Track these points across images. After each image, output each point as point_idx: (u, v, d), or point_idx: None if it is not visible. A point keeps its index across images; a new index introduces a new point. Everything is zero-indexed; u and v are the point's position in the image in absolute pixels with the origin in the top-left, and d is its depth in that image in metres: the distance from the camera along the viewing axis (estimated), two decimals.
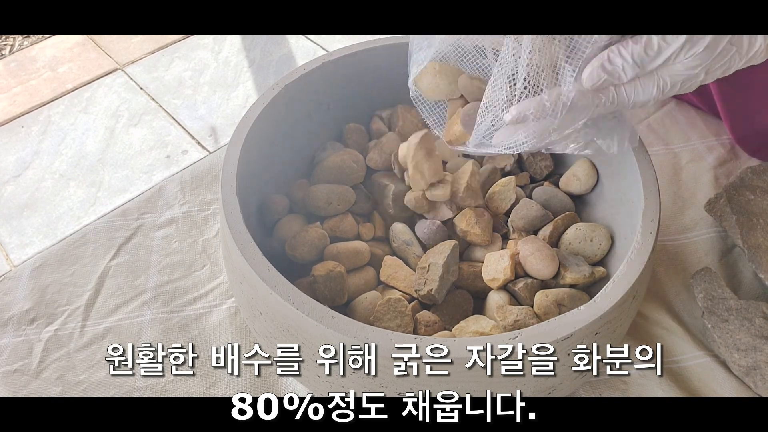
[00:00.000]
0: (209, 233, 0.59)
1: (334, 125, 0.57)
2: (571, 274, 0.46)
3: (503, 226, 0.51)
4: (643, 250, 0.41)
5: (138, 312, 0.53)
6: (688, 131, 0.68)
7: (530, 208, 0.50)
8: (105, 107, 1.31)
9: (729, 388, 0.48)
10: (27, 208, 1.14)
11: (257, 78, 1.36)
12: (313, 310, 0.37)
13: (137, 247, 0.58)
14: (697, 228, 0.59)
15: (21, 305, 0.54)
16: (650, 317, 0.52)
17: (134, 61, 1.41)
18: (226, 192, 0.43)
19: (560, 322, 0.37)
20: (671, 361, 0.50)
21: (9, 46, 1.45)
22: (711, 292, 0.50)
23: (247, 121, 0.48)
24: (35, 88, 1.36)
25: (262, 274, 0.39)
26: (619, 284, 0.39)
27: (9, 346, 0.51)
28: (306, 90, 0.53)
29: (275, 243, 0.49)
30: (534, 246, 0.47)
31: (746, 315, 0.48)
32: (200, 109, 1.29)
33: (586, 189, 0.53)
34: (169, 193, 0.62)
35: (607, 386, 0.49)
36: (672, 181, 0.63)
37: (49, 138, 1.25)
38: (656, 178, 0.45)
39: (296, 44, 1.43)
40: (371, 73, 0.56)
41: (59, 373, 0.50)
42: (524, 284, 0.46)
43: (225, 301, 0.54)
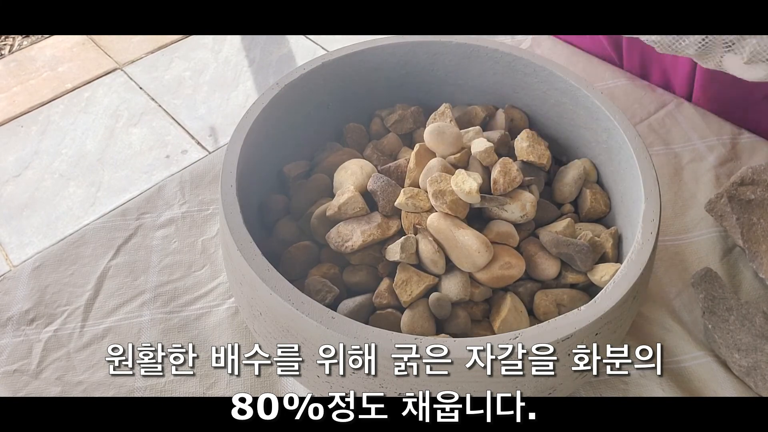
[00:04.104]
0: (209, 233, 0.59)
1: (334, 125, 0.57)
2: (571, 274, 0.46)
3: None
4: (643, 250, 0.41)
5: (138, 312, 0.53)
6: (689, 131, 0.68)
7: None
8: (105, 107, 1.31)
9: (729, 388, 0.48)
10: (27, 208, 1.14)
11: (257, 78, 1.36)
12: (313, 310, 0.37)
13: (137, 247, 0.58)
14: (698, 228, 0.59)
15: (21, 305, 0.54)
16: (650, 317, 0.52)
17: (134, 61, 1.41)
18: (226, 192, 0.43)
19: (560, 322, 0.37)
20: (671, 361, 0.50)
21: (9, 46, 1.45)
22: (711, 292, 0.50)
23: (246, 120, 0.48)
24: (35, 88, 1.36)
25: (262, 274, 0.39)
26: (620, 284, 0.39)
27: (9, 346, 0.51)
28: (306, 90, 0.53)
29: (275, 243, 0.49)
30: (537, 246, 0.47)
31: (747, 315, 0.48)
32: (200, 108, 1.29)
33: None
34: (169, 193, 0.62)
35: (607, 386, 0.49)
36: (673, 181, 0.63)
37: (48, 138, 1.26)
38: (657, 178, 0.45)
39: (296, 44, 1.43)
40: (371, 73, 0.56)
41: (59, 374, 0.50)
42: (524, 288, 0.46)
43: (225, 301, 0.54)
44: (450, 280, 0.45)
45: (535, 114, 0.57)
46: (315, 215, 0.49)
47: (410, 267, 0.45)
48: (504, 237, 0.46)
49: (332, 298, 0.44)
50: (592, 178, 0.53)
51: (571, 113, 0.53)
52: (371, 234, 0.46)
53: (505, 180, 0.46)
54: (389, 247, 0.45)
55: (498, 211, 0.46)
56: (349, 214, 0.47)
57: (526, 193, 0.47)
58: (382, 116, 0.57)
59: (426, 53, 0.56)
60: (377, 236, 0.46)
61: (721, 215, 0.56)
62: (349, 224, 0.47)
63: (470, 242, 0.43)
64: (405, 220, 0.46)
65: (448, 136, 0.48)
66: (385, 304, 0.44)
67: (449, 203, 0.45)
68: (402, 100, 0.57)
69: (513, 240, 0.46)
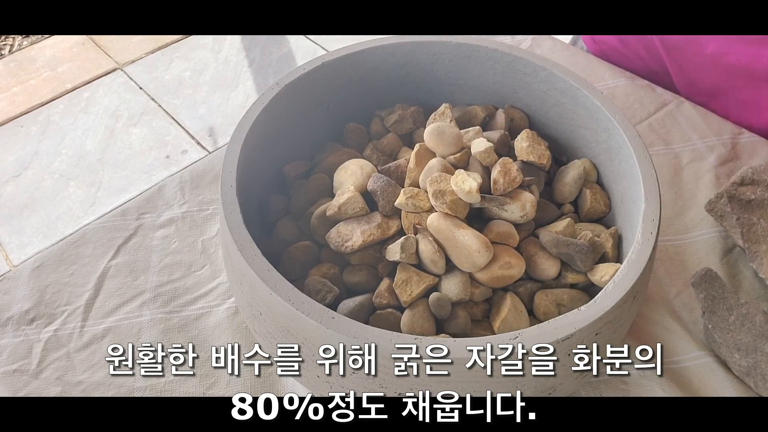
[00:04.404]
0: (209, 233, 0.59)
1: (334, 125, 0.57)
2: (571, 274, 0.46)
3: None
4: (643, 250, 0.41)
5: (138, 312, 0.53)
6: (689, 131, 0.68)
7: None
8: (104, 107, 1.31)
9: (729, 388, 0.48)
10: (27, 208, 1.14)
11: (257, 78, 1.36)
12: (313, 310, 0.37)
13: (137, 247, 0.58)
14: (698, 228, 0.59)
15: (20, 305, 0.54)
16: (650, 317, 0.52)
17: (134, 61, 1.41)
18: (226, 192, 0.43)
19: (560, 322, 0.37)
20: (671, 361, 0.50)
21: (9, 46, 1.45)
22: (711, 292, 0.50)
23: (246, 120, 0.48)
24: (35, 88, 1.36)
25: (262, 274, 0.39)
26: (620, 284, 0.39)
27: (8, 346, 0.51)
28: (306, 90, 0.53)
29: (275, 243, 0.49)
30: (537, 246, 0.47)
31: (747, 315, 0.48)
32: (200, 108, 1.29)
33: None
34: (169, 193, 0.62)
35: (607, 386, 0.49)
36: (673, 181, 0.63)
37: (48, 138, 1.25)
38: (657, 178, 0.45)
39: (296, 44, 1.43)
40: (371, 73, 0.56)
41: (59, 373, 0.50)
42: (524, 288, 0.46)
43: (225, 301, 0.54)
44: (450, 280, 0.45)
45: (535, 114, 0.57)
46: (315, 215, 0.49)
47: (410, 267, 0.45)
48: (504, 237, 0.46)
49: (332, 298, 0.44)
50: (592, 178, 0.53)
51: (571, 113, 0.53)
52: (371, 234, 0.46)
53: (505, 180, 0.46)
54: (389, 247, 0.45)
55: (498, 211, 0.46)
56: (349, 214, 0.47)
57: (526, 193, 0.47)
58: (382, 116, 0.57)
59: (426, 53, 0.56)
60: (377, 236, 0.46)
61: (721, 215, 0.56)
62: (349, 224, 0.47)
63: (470, 242, 0.43)
64: (405, 220, 0.46)
65: (448, 136, 0.48)
66: (385, 304, 0.44)
67: (449, 203, 0.45)
68: (402, 100, 0.57)
69: (513, 240, 0.46)
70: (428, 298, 0.44)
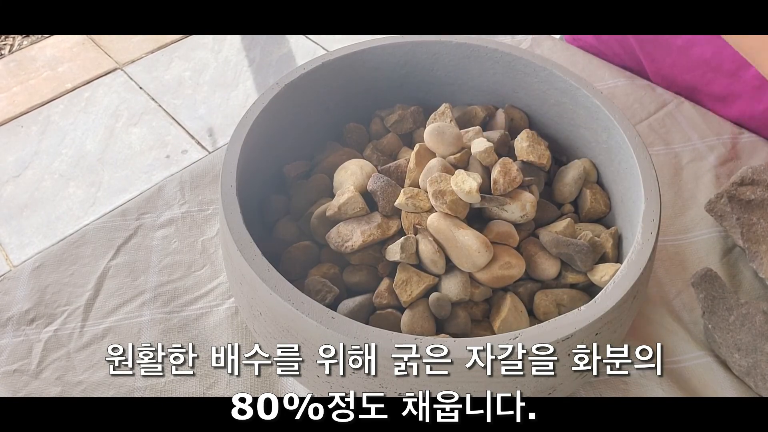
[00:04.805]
0: (209, 233, 0.59)
1: (334, 125, 0.57)
2: (571, 274, 0.46)
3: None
4: (643, 250, 0.41)
5: (138, 312, 0.53)
6: (689, 131, 0.68)
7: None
8: (104, 107, 1.31)
9: (729, 388, 0.48)
10: (27, 208, 1.14)
11: (257, 78, 1.36)
12: (313, 310, 0.37)
13: (137, 247, 0.58)
14: (698, 228, 0.59)
15: (20, 305, 0.54)
16: (650, 317, 0.52)
17: (134, 61, 1.41)
18: (226, 192, 0.43)
19: (560, 322, 0.37)
20: (671, 361, 0.50)
21: (9, 46, 1.45)
22: (711, 292, 0.50)
23: (246, 120, 0.48)
24: (35, 88, 1.36)
25: (262, 274, 0.39)
26: (620, 284, 0.39)
27: (8, 346, 0.51)
28: (306, 90, 0.53)
29: (275, 243, 0.49)
30: (537, 246, 0.47)
31: (747, 315, 0.48)
32: (200, 108, 1.29)
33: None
34: (169, 193, 0.62)
35: (607, 386, 0.49)
36: (673, 181, 0.63)
37: (48, 138, 1.26)
38: (657, 178, 0.45)
39: (296, 44, 1.43)
40: (371, 73, 0.56)
41: (59, 373, 0.50)
42: (524, 288, 0.46)
43: (225, 301, 0.54)
44: (450, 280, 0.45)
45: (535, 114, 0.57)
46: (315, 215, 0.49)
47: (410, 267, 0.45)
48: (504, 237, 0.46)
49: (332, 298, 0.44)
50: (592, 178, 0.53)
51: (571, 113, 0.53)
52: (371, 234, 0.46)
53: (505, 180, 0.46)
54: (389, 247, 0.45)
55: (498, 211, 0.46)
56: (349, 214, 0.47)
57: (526, 193, 0.47)
58: (382, 116, 0.57)
59: (426, 53, 0.56)
60: (377, 236, 0.46)
61: (721, 215, 0.56)
62: (349, 224, 0.47)
63: (470, 242, 0.43)
64: (405, 220, 0.46)
65: (448, 136, 0.48)
66: (385, 304, 0.44)
67: (449, 203, 0.45)
68: (402, 100, 0.57)
69: (513, 240, 0.46)
70: (428, 298, 0.44)
